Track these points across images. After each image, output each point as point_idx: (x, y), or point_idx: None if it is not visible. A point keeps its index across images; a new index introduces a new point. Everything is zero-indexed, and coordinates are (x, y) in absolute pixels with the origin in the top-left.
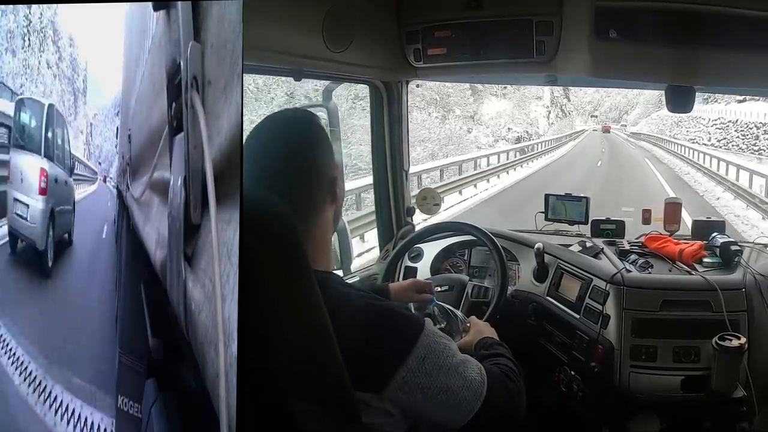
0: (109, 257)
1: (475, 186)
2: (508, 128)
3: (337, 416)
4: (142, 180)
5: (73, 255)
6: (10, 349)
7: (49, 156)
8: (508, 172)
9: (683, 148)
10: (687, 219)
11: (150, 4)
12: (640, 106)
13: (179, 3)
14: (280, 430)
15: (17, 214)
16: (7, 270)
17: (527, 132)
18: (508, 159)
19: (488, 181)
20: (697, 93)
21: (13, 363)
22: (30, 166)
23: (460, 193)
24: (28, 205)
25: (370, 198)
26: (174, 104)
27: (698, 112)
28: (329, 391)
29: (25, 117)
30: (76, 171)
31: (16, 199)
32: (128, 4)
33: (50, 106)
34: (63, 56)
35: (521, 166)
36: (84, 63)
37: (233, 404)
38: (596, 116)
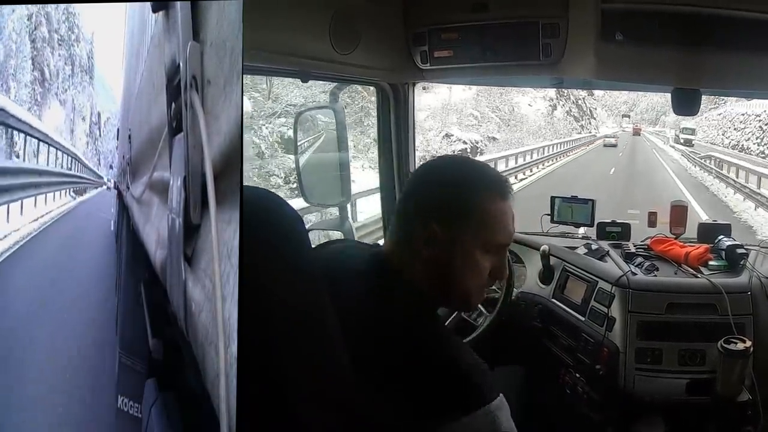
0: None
1: None
2: (446, 135)
3: (341, 416)
4: (142, 180)
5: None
6: None
7: None
8: None
9: None
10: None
11: (149, 4)
12: None
13: (178, 3)
14: (280, 430)
15: None
16: None
17: (494, 138)
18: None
19: None
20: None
21: None
22: None
23: None
24: None
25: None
26: (173, 104)
27: None
28: (333, 391)
29: None
30: (75, 172)
31: None
32: (128, 3)
33: None
34: None
35: None
36: (90, 34)
37: (233, 404)
38: (629, 116)
